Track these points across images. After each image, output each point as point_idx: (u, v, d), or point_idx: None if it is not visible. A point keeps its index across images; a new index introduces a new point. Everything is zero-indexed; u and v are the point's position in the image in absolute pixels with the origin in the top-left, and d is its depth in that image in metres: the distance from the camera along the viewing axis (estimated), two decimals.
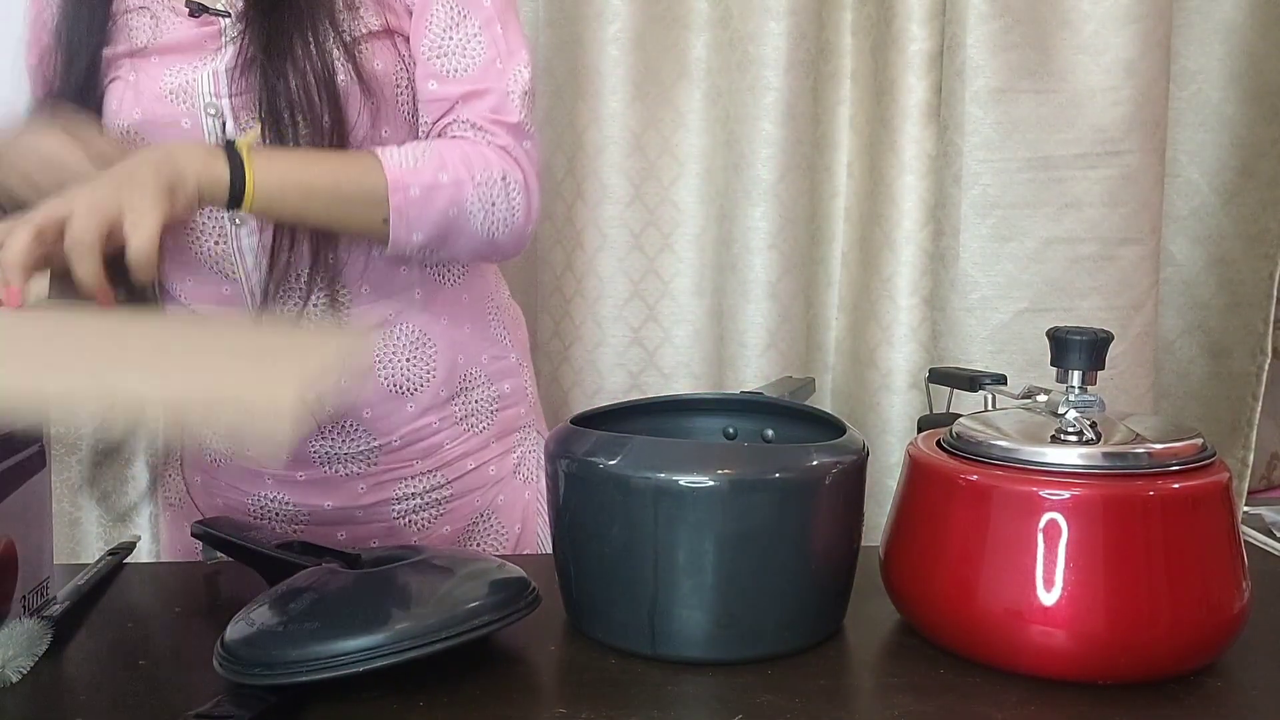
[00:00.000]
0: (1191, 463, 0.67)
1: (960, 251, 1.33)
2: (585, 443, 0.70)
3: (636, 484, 0.66)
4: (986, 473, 0.67)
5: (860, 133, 1.44)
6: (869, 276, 1.42)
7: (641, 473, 0.66)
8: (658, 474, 0.65)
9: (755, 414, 0.83)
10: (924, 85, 1.35)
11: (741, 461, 0.67)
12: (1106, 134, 1.29)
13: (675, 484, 0.65)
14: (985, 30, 1.28)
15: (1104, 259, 1.31)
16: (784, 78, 1.34)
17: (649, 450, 0.67)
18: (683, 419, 0.83)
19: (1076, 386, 0.71)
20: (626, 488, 0.66)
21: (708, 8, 1.39)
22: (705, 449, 0.74)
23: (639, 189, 1.40)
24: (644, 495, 0.65)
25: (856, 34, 1.43)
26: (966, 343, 1.33)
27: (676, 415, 0.83)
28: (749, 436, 0.82)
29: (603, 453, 0.67)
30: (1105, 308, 1.31)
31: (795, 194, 1.37)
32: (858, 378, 1.44)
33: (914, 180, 1.37)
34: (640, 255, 1.41)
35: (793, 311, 1.39)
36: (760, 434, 0.82)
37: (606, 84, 1.37)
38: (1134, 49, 1.28)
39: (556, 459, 0.71)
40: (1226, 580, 0.66)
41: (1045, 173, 1.30)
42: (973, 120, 1.30)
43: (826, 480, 0.67)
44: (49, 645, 0.70)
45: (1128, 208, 1.31)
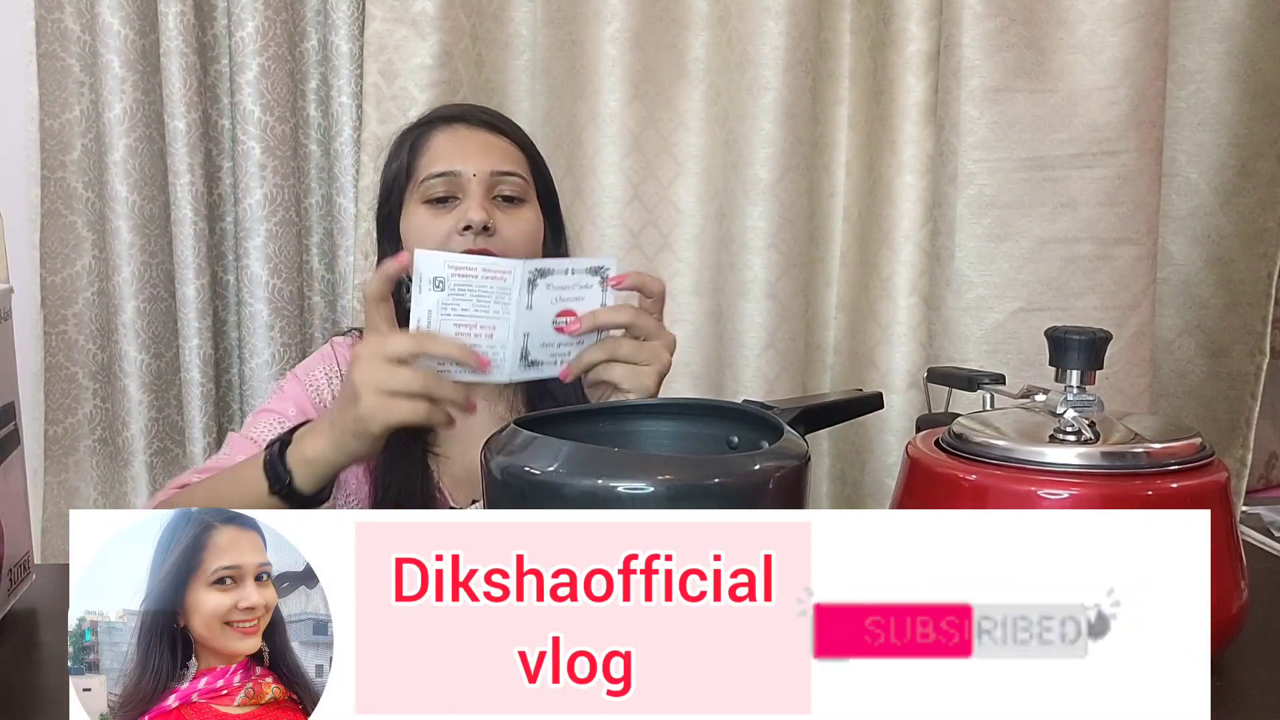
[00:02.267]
0: (1190, 462, 0.67)
1: (956, 251, 1.33)
2: (521, 445, 0.66)
3: (570, 491, 0.61)
4: (985, 472, 0.67)
5: (859, 132, 1.44)
6: (868, 276, 1.42)
7: (577, 480, 0.62)
8: (595, 480, 0.61)
9: (717, 420, 0.78)
10: (922, 85, 1.35)
11: (682, 469, 0.64)
12: (1102, 134, 1.29)
13: (614, 491, 0.61)
14: (981, 30, 1.28)
15: (1100, 259, 1.31)
16: (782, 77, 1.34)
17: (586, 457, 0.63)
18: (630, 423, 0.79)
19: (1075, 386, 0.71)
20: (560, 495, 0.62)
21: (706, 7, 1.39)
22: (644, 457, 0.69)
23: (637, 188, 1.40)
24: (578, 504, 0.61)
25: (855, 34, 1.43)
26: (962, 342, 1.33)
27: (626, 420, 0.79)
28: (717, 443, 0.78)
29: (540, 458, 0.64)
30: (1101, 307, 1.31)
31: (794, 193, 1.37)
32: (856, 377, 1.44)
33: (912, 180, 1.37)
34: (639, 254, 1.41)
35: (791, 311, 1.39)
36: (727, 440, 0.79)
37: (605, 83, 1.37)
38: (1130, 48, 1.28)
39: (490, 460, 0.67)
40: (1225, 580, 0.66)
41: (1041, 172, 1.30)
42: (968, 120, 1.30)
43: (770, 485, 0.63)
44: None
45: (1124, 207, 1.31)
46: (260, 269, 1.35)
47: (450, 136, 1.04)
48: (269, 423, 1.01)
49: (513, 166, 1.04)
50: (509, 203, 1.03)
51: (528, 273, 0.80)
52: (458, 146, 1.03)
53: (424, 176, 1.02)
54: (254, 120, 1.33)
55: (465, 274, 0.80)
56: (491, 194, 1.02)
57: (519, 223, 1.02)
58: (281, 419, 1.01)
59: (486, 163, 1.02)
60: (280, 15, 1.33)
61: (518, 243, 1.01)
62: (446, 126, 1.05)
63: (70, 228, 1.37)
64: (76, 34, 1.34)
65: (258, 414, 1.04)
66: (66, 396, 1.39)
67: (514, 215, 1.02)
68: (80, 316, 1.38)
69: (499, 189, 1.02)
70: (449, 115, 1.07)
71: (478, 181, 1.01)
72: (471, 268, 0.80)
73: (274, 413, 1.02)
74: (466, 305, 0.80)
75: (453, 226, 0.99)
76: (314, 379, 1.05)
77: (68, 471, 1.40)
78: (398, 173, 1.06)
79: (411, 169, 1.04)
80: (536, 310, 0.81)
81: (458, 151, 1.03)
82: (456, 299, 0.80)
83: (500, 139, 1.05)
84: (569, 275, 0.82)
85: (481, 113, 1.08)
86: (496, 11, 1.41)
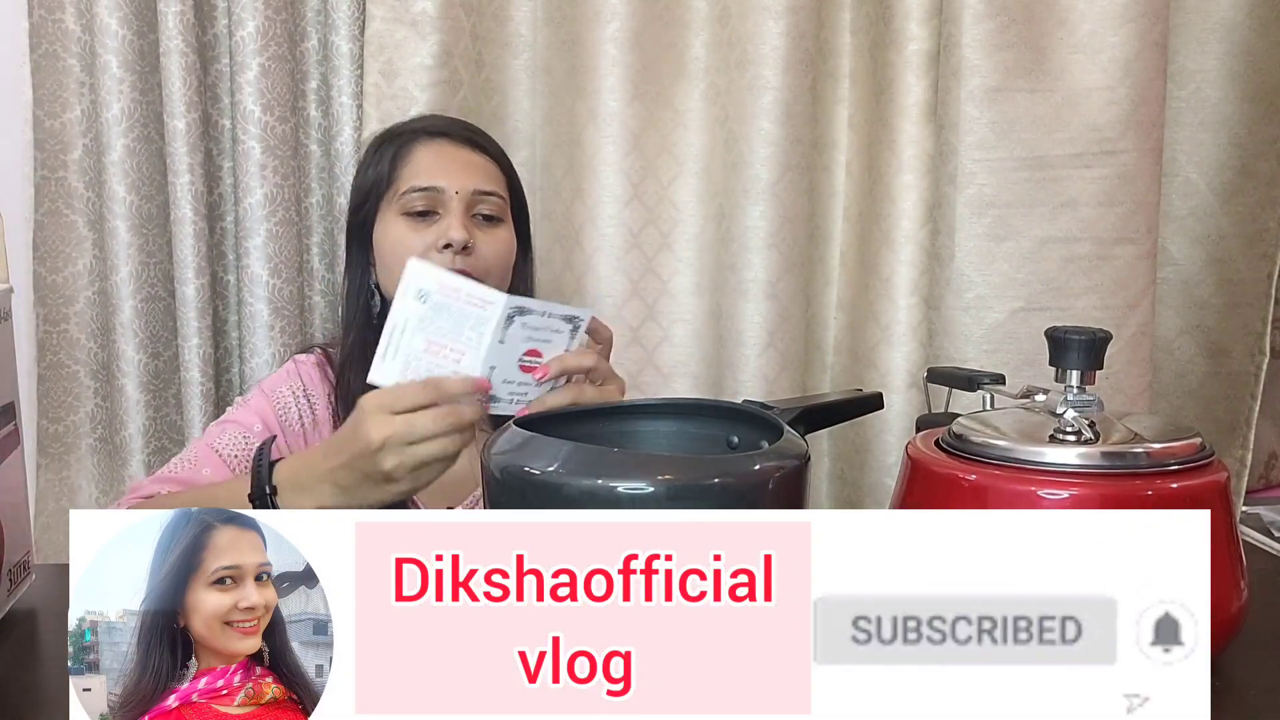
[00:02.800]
0: (1190, 462, 0.67)
1: (956, 251, 1.33)
2: (521, 445, 0.66)
3: (570, 491, 0.61)
4: (985, 472, 0.67)
5: (859, 132, 1.44)
6: (868, 276, 1.42)
7: (577, 480, 0.62)
8: (595, 480, 0.61)
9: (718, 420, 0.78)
10: (923, 85, 1.35)
11: (682, 469, 0.64)
12: (1102, 133, 1.29)
13: (614, 491, 0.60)
14: (981, 29, 1.28)
15: (1099, 258, 1.31)
16: (783, 77, 1.34)
17: (586, 457, 0.63)
18: (630, 423, 0.79)
19: (1075, 386, 0.71)
20: (560, 495, 0.62)
21: (706, 7, 1.39)
22: (644, 457, 0.69)
23: (637, 188, 1.40)
24: (578, 504, 0.61)
25: (855, 33, 1.42)
26: (961, 342, 1.33)
27: (626, 420, 0.79)
28: (717, 443, 0.78)
29: (540, 458, 0.64)
30: (1101, 307, 1.31)
31: (794, 193, 1.37)
32: (856, 377, 1.44)
33: (913, 179, 1.37)
34: (639, 254, 1.41)
35: (791, 311, 1.39)
36: (727, 440, 0.78)
37: (605, 83, 1.37)
38: (1130, 48, 1.28)
39: (490, 460, 0.67)
40: (1224, 580, 0.66)
41: (1041, 172, 1.30)
42: (968, 119, 1.30)
43: (770, 485, 0.63)
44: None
45: (1124, 207, 1.31)
46: (260, 269, 1.35)
47: (434, 151, 1.05)
48: (234, 436, 1.02)
49: (493, 186, 1.05)
50: (487, 221, 1.04)
51: (509, 308, 0.80)
52: (442, 163, 1.04)
53: (405, 189, 1.03)
54: (254, 120, 1.33)
55: (450, 294, 0.81)
56: (471, 212, 1.03)
57: (495, 243, 1.04)
58: (247, 434, 1.02)
59: (469, 181, 1.03)
60: (280, 15, 1.33)
61: (493, 261, 1.03)
62: (430, 140, 1.06)
63: (71, 227, 1.37)
64: (77, 34, 1.34)
65: (223, 424, 1.04)
66: (68, 395, 1.39)
67: (491, 235, 1.04)
68: (81, 315, 1.38)
69: (479, 208, 1.04)
70: (433, 129, 1.08)
71: (459, 199, 1.02)
72: (457, 289, 0.81)
73: (239, 425, 1.03)
74: (443, 324, 0.81)
75: (431, 242, 1.00)
76: (281, 396, 1.06)
77: (68, 470, 1.40)
78: (376, 181, 1.06)
79: (392, 179, 1.05)
80: (508, 345, 0.82)
81: (441, 168, 1.04)
82: (435, 315, 0.81)
83: (482, 157, 1.07)
84: (544, 318, 0.83)
85: (464, 129, 1.10)
86: (496, 11, 1.41)
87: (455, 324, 0.81)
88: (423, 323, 0.81)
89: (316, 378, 1.09)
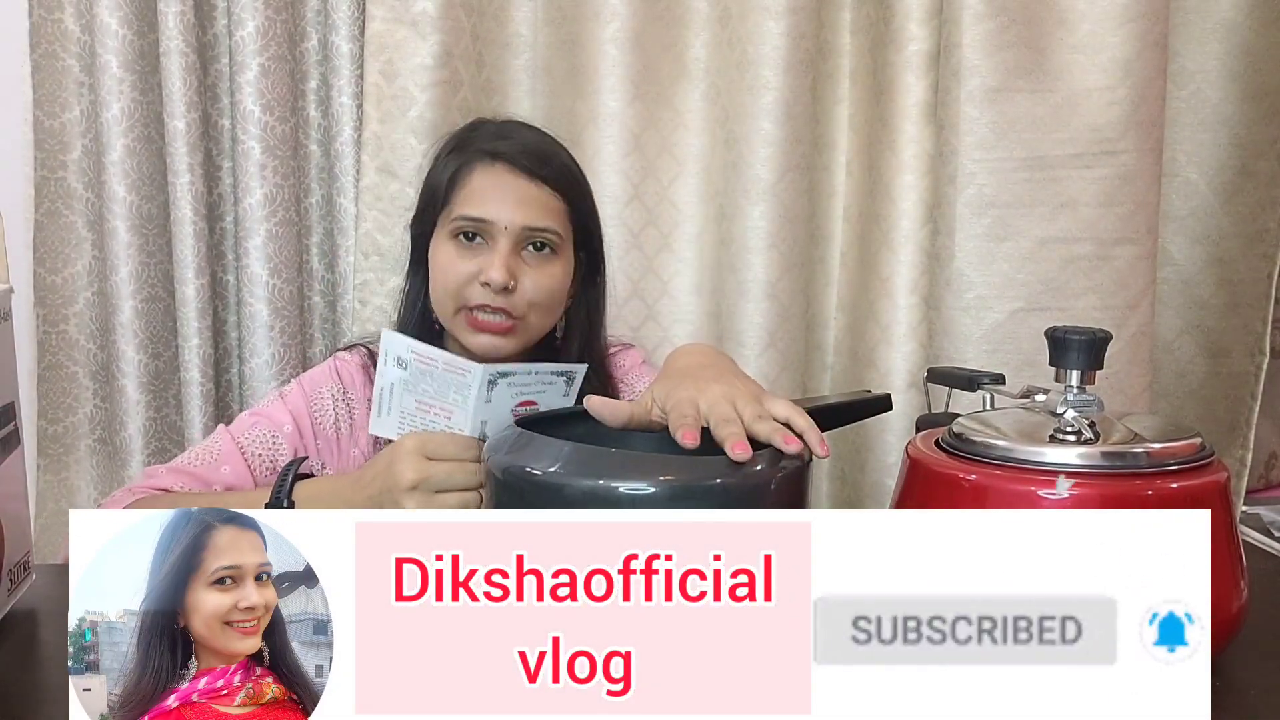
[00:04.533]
0: (1190, 462, 0.67)
1: (955, 251, 1.33)
2: (521, 445, 0.66)
3: (570, 491, 0.62)
4: (985, 472, 0.67)
5: (859, 132, 1.44)
6: (868, 276, 1.42)
7: (577, 480, 0.62)
8: (595, 480, 0.62)
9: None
10: (923, 85, 1.35)
11: (682, 469, 0.63)
12: (1102, 134, 1.29)
13: (614, 491, 0.61)
14: (981, 30, 1.28)
15: (1099, 259, 1.31)
16: (783, 77, 1.34)
17: (586, 457, 0.64)
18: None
19: (1075, 386, 0.71)
20: (560, 495, 0.62)
21: (706, 7, 1.39)
22: (644, 457, 0.68)
23: (637, 188, 1.40)
24: (578, 504, 0.61)
25: (855, 33, 1.42)
26: (961, 342, 1.33)
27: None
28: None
29: (540, 458, 0.64)
30: (1101, 307, 1.31)
31: (794, 193, 1.37)
32: (856, 377, 1.44)
33: (913, 179, 1.37)
34: (639, 254, 1.41)
35: (792, 311, 1.39)
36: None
37: (605, 83, 1.37)
38: (1130, 48, 1.28)
39: (490, 460, 0.67)
40: (1225, 580, 0.66)
41: (1041, 172, 1.30)
42: (968, 120, 1.30)
43: (770, 485, 0.64)
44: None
45: (1123, 208, 1.30)
46: (260, 269, 1.35)
47: (491, 179, 1.01)
48: (263, 433, 1.01)
49: (547, 222, 1.01)
50: (539, 251, 1.01)
51: (488, 375, 0.80)
52: (496, 193, 1.00)
53: (457, 214, 1.00)
54: (254, 120, 1.32)
55: (427, 362, 0.83)
56: (520, 247, 1.00)
57: (542, 277, 1.01)
58: (276, 433, 1.01)
59: (520, 217, 0.99)
60: (280, 15, 1.33)
61: (537, 298, 1.00)
62: (489, 166, 1.02)
63: (71, 227, 1.37)
64: (76, 34, 1.34)
65: (254, 415, 1.03)
66: (67, 396, 1.39)
67: (540, 269, 1.01)
68: (81, 316, 1.38)
69: (530, 241, 1.00)
70: (492, 151, 1.02)
71: (508, 235, 0.99)
72: (433, 359, 0.82)
73: (270, 421, 1.02)
74: (427, 387, 0.83)
75: (474, 273, 0.99)
76: (320, 395, 1.05)
77: (67, 470, 1.40)
78: (434, 194, 1.04)
79: (448, 198, 1.02)
80: (495, 404, 0.82)
81: (495, 199, 1.00)
82: (418, 380, 0.83)
83: (540, 189, 1.01)
84: (531, 376, 0.83)
85: (526, 156, 1.02)
86: (496, 11, 1.41)
87: (439, 388, 0.82)
88: (408, 385, 0.83)
89: (359, 380, 1.07)
